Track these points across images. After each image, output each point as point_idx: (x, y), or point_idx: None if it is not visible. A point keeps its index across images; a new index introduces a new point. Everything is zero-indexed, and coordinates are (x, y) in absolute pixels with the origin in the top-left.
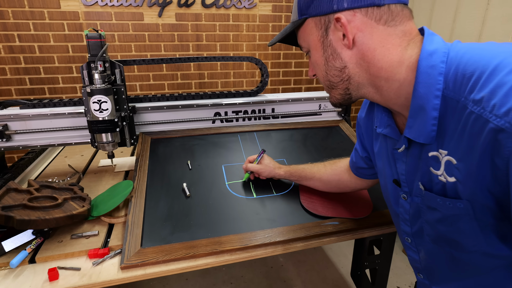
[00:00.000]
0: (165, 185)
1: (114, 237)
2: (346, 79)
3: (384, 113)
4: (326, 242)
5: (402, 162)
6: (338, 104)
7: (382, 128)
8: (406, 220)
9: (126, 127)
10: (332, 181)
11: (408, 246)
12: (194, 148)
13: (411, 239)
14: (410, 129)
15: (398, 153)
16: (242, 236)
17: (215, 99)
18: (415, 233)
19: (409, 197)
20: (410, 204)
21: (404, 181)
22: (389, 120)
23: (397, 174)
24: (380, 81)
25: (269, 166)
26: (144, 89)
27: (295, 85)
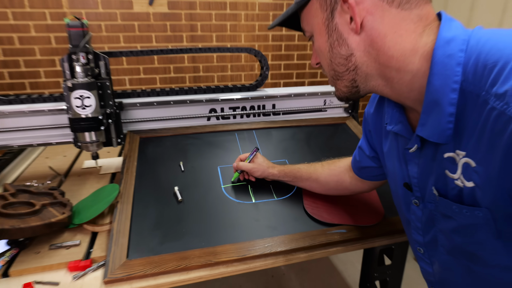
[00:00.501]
0: (154, 189)
1: (98, 248)
2: (353, 68)
3: (395, 109)
4: (332, 253)
5: (414, 164)
6: (344, 98)
7: (392, 125)
8: (418, 229)
9: (112, 125)
10: (330, 182)
11: (420, 257)
12: (187, 148)
13: (423, 249)
14: (423, 127)
15: (409, 154)
16: (240, 246)
17: (211, 94)
18: (428, 243)
19: (421, 203)
20: (422, 210)
21: (416, 185)
22: (400, 117)
23: (409, 177)
24: (390, 72)
25: (262, 165)
26: (134, 84)
27: (297, 79)
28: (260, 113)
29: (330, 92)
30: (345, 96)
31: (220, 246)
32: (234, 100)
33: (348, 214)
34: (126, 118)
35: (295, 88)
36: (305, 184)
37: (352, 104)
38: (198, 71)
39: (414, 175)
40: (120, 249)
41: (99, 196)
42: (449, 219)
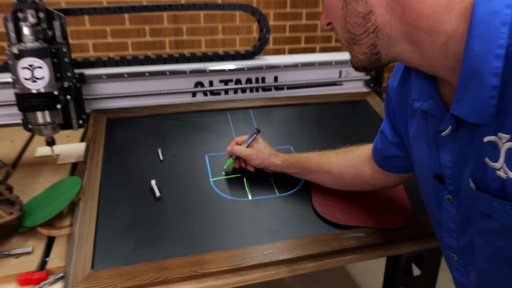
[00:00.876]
0: (126, 183)
1: (55, 256)
2: (372, 30)
3: (424, 81)
4: (347, 261)
5: (447, 150)
6: (362, 67)
7: (421, 101)
8: (451, 231)
9: (71, 103)
10: (346, 175)
11: (453, 266)
12: (167, 131)
13: (457, 256)
14: (458, 104)
15: (442, 138)
16: (233, 253)
17: (197, 63)
18: (464, 248)
19: (455, 199)
20: (456, 208)
21: (449, 177)
22: (431, 91)
23: (440, 167)
24: (419, 34)
25: (262, 152)
26: (100, 50)
27: (306, 43)
28: (258, 88)
29: (347, 61)
30: (362, 66)
31: (208, 253)
32: (226, 71)
33: (367, 214)
34: (89, 94)
35: (303, 56)
36: (315, 177)
37: (375, 76)
38: (180, 34)
39: (447, 164)
40: (83, 257)
41: (56, 192)
42: (489, 218)
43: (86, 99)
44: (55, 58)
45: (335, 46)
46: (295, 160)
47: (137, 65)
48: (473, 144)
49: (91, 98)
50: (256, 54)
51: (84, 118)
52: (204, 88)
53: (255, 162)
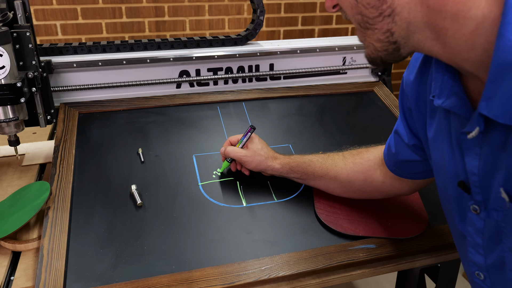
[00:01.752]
0: (102, 188)
1: (22, 274)
2: (388, 13)
3: (447, 74)
4: (356, 277)
5: (474, 155)
6: (378, 59)
7: (443, 98)
8: (477, 246)
9: (37, 96)
10: (354, 182)
11: (479, 285)
12: (149, 128)
13: (484, 274)
14: (488, 102)
15: (467, 141)
16: (226, 270)
17: (181, 49)
18: (493, 266)
19: (483, 210)
20: (484, 221)
21: (476, 185)
22: (455, 86)
23: (465, 173)
24: (443, 20)
25: (259, 154)
26: (69, 32)
27: (304, 25)
28: (252, 77)
29: (352, 46)
30: (379, 57)
31: (197, 270)
32: (215, 58)
33: (377, 223)
34: (57, 85)
35: (302, 41)
36: (319, 183)
37: None
38: (162, 14)
39: (474, 170)
40: (54, 276)
41: (21, 199)
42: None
43: (54, 91)
44: (17, 44)
45: (336, 28)
46: (297, 164)
47: (113, 52)
48: (506, 149)
49: (60, 89)
50: (249, 38)
51: (52, 113)
52: (190, 78)
53: (250, 165)
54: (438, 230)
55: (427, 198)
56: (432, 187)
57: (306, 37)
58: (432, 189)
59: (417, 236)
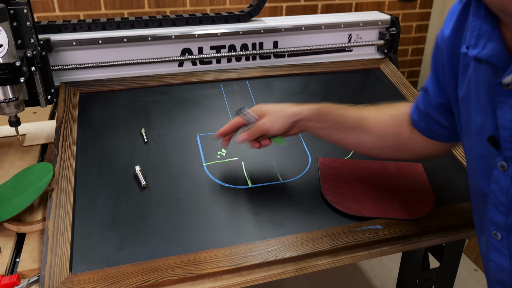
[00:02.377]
0: (105, 170)
1: (27, 256)
2: None
3: (485, 22)
4: (362, 257)
5: (509, 108)
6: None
7: (479, 48)
8: (500, 204)
9: (37, 75)
10: (388, 136)
11: (494, 246)
12: (151, 107)
13: (502, 234)
14: None
15: (503, 92)
16: (232, 251)
17: (183, 27)
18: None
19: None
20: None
21: (507, 140)
22: (493, 33)
23: (496, 127)
24: None
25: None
26: (67, 9)
27: (307, 1)
28: (255, 55)
29: (358, 22)
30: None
31: (204, 251)
32: (218, 35)
33: (384, 203)
34: (57, 64)
35: (306, 17)
36: (349, 136)
37: (390, 40)
38: None
39: (507, 124)
40: (60, 258)
41: (24, 180)
42: None
43: (53, 70)
44: (15, 22)
45: (340, 4)
46: (327, 111)
47: (113, 29)
48: None
49: (59, 68)
50: (253, 15)
51: (52, 93)
52: (192, 56)
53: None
54: (445, 210)
55: (434, 178)
56: (437, 168)
57: (309, 12)
58: (439, 169)
59: (423, 217)
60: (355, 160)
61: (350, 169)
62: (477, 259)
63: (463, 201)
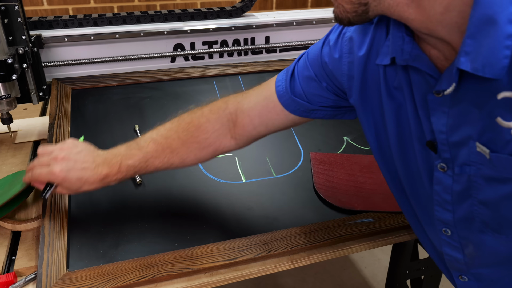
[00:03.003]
0: None
1: (23, 254)
2: None
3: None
4: (354, 250)
5: (442, 114)
6: (346, 20)
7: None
8: (446, 203)
9: (28, 72)
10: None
11: (446, 242)
12: (144, 103)
13: (452, 230)
14: (467, 56)
15: (435, 100)
16: (228, 246)
17: (175, 22)
18: (460, 220)
19: (451, 167)
20: (453, 177)
21: (443, 143)
22: (414, 49)
23: (431, 132)
24: None
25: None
26: (55, 2)
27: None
28: (247, 51)
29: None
30: (347, 17)
31: (200, 247)
32: (210, 31)
33: (375, 197)
34: (49, 60)
35: (298, 13)
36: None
37: None
38: None
39: (442, 128)
40: (57, 256)
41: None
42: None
43: (45, 66)
44: (6, 18)
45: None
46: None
47: (105, 25)
48: (479, 103)
49: (51, 65)
50: (245, 10)
51: (44, 89)
52: (184, 52)
53: None
54: None
55: None
56: None
57: (299, 6)
58: None
59: None
60: (347, 155)
61: (342, 164)
62: None
63: None
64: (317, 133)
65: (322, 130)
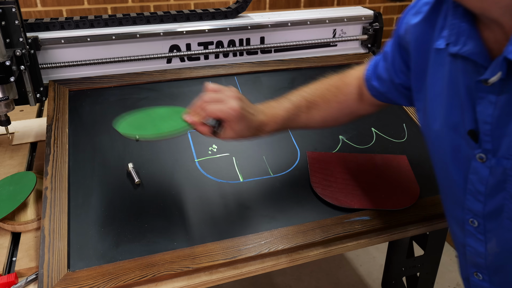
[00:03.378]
0: (99, 167)
1: (24, 255)
2: None
3: (463, 21)
4: (352, 247)
5: (488, 103)
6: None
7: (459, 45)
8: (478, 193)
9: (26, 74)
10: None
11: (470, 232)
12: (141, 104)
13: (479, 221)
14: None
15: (482, 89)
16: (227, 245)
17: (171, 24)
18: (490, 213)
19: (490, 158)
20: (490, 169)
21: (487, 134)
22: (471, 32)
23: (475, 122)
24: None
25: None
26: (49, 4)
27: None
28: (243, 51)
29: (343, 18)
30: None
31: (199, 246)
32: (206, 32)
33: (371, 195)
34: (46, 62)
35: (292, 13)
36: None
37: (373, 35)
38: None
39: (487, 119)
40: (57, 256)
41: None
42: None
43: (42, 68)
44: (3, 21)
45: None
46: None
47: (101, 27)
48: None
49: (48, 67)
50: (240, 11)
51: (42, 91)
52: (180, 53)
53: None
54: (429, 201)
55: (418, 169)
56: (421, 161)
57: (292, 5)
58: (423, 161)
59: (409, 207)
60: (343, 154)
61: (338, 162)
62: None
63: None
64: (313, 132)
65: (317, 130)
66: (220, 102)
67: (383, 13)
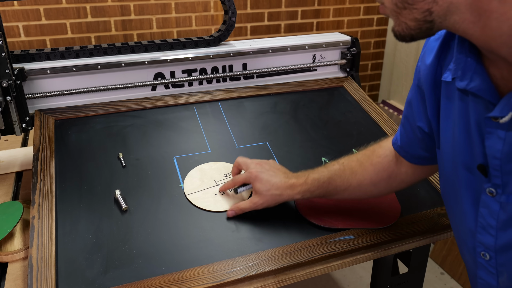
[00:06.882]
0: (85, 195)
1: (11, 285)
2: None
3: (470, 56)
4: (337, 267)
5: (498, 139)
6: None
7: (466, 80)
8: (490, 227)
9: (12, 104)
10: (379, 183)
11: (482, 265)
12: (127, 131)
13: (491, 255)
14: None
15: (493, 123)
16: (215, 268)
17: (155, 52)
18: (502, 247)
19: (500, 193)
20: (501, 203)
21: (496, 169)
22: (477, 67)
23: (484, 156)
24: (490, 2)
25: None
26: (33, 33)
27: (270, 21)
28: (226, 77)
29: (322, 44)
30: (410, 34)
31: (187, 270)
32: (189, 59)
33: (354, 215)
34: (32, 92)
35: (273, 40)
36: (342, 196)
37: (351, 59)
38: (127, 13)
39: (496, 154)
40: (45, 285)
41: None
42: None
43: (28, 98)
44: None
45: (302, 23)
46: (316, 187)
47: (87, 57)
48: None
49: (34, 97)
50: (222, 39)
51: (27, 121)
52: (165, 80)
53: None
54: (410, 218)
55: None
56: None
57: (272, 32)
58: None
59: (391, 225)
60: None
61: None
62: (443, 263)
63: (426, 209)
64: (295, 155)
65: (300, 152)
66: None
67: (361, 37)
